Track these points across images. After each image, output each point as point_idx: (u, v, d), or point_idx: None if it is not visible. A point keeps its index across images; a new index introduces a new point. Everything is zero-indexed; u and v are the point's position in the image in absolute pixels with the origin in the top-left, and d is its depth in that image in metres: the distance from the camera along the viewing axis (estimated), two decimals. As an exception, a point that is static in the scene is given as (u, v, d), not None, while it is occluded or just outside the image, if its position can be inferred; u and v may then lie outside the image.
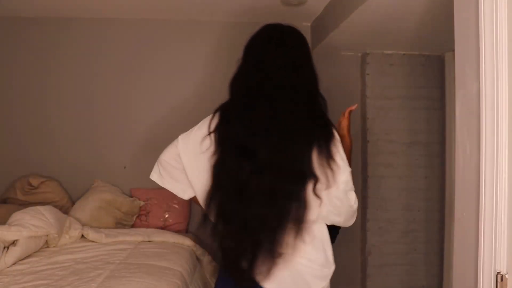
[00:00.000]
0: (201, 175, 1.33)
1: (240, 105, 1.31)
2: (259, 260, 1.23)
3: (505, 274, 1.06)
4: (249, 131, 1.25)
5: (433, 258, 3.09)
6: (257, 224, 1.22)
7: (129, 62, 3.10)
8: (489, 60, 1.09)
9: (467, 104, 1.22)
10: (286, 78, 1.28)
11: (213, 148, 1.30)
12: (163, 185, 1.46)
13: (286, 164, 1.23)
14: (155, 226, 2.90)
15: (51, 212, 2.39)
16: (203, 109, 3.07)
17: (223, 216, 1.27)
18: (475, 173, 1.16)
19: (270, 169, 1.22)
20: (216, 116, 1.35)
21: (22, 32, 3.04)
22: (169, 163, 1.44)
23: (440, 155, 3.07)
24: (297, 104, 1.27)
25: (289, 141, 1.23)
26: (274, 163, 1.22)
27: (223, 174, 1.27)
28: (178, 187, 1.44)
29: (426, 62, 3.07)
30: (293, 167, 1.23)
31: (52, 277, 1.92)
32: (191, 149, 1.36)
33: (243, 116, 1.27)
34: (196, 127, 1.41)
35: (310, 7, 2.76)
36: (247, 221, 1.23)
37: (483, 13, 1.10)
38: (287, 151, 1.23)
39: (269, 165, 1.22)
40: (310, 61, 1.36)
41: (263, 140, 1.23)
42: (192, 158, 1.35)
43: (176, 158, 1.40)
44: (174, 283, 1.93)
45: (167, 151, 1.45)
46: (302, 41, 1.38)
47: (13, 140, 3.04)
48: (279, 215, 1.22)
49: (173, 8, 2.86)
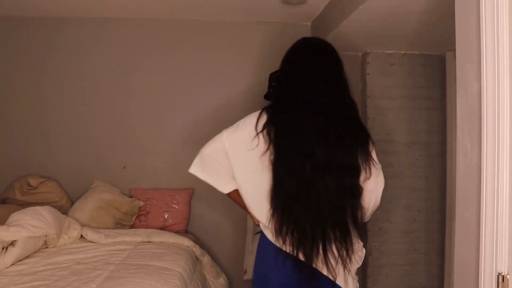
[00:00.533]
0: (248, 170, 1.47)
1: (292, 106, 1.44)
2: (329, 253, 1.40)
3: (506, 275, 1.05)
4: (306, 134, 1.40)
5: (433, 258, 3.08)
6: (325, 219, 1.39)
7: (128, 62, 3.09)
8: (491, 60, 1.08)
9: (468, 104, 1.21)
10: (331, 88, 1.45)
11: (265, 146, 1.42)
12: (204, 179, 1.56)
13: (343, 162, 1.40)
14: (154, 226, 2.89)
15: (50, 213, 2.38)
16: (203, 109, 3.10)
17: (289, 211, 1.40)
18: (476, 173, 1.16)
19: (330, 167, 1.38)
20: (263, 116, 1.46)
21: (21, 32, 3.03)
22: (212, 158, 1.52)
23: (441, 155, 3.06)
24: (343, 111, 1.45)
25: (341, 144, 1.41)
26: (333, 162, 1.38)
27: (285, 171, 1.40)
28: (219, 181, 1.55)
29: (426, 62, 3.06)
30: (349, 165, 1.41)
31: (51, 277, 1.91)
32: (239, 146, 1.46)
33: (297, 120, 1.41)
34: (241, 124, 1.51)
35: (310, 6, 2.75)
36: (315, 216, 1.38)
37: (484, 12, 1.09)
38: (343, 152, 1.40)
39: (329, 164, 1.38)
40: (344, 72, 1.54)
41: (320, 142, 1.39)
42: (240, 155, 1.46)
43: (220, 153, 1.50)
44: (173, 284, 1.93)
45: (211, 146, 1.54)
46: (337, 54, 1.54)
47: (12, 140, 3.04)
48: (344, 207, 1.40)
49: (173, 7, 2.86)
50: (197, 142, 2.93)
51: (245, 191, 1.50)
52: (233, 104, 3.03)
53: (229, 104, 2.90)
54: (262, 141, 1.43)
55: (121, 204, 2.86)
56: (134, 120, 3.10)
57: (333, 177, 1.38)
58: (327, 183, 1.38)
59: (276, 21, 3.12)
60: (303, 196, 1.38)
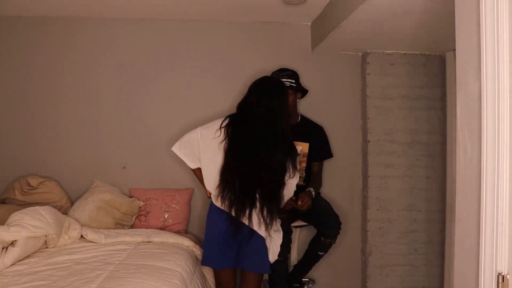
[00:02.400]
0: (210, 154, 2.17)
1: (245, 120, 2.16)
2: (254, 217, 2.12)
3: (506, 275, 1.05)
4: (250, 137, 2.11)
5: (434, 258, 3.08)
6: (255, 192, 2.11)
7: (128, 63, 3.09)
8: (490, 60, 1.08)
9: (468, 103, 1.21)
10: (271, 116, 2.12)
11: (223, 137, 2.14)
12: (180, 156, 2.30)
13: (274, 164, 2.11)
14: (154, 226, 2.89)
15: (50, 213, 2.38)
16: (203, 108, 3.10)
17: (231, 184, 2.10)
18: (476, 173, 1.16)
19: (265, 165, 2.09)
20: (226, 120, 2.20)
21: (22, 31, 3.03)
22: (189, 143, 2.27)
23: (441, 155, 3.06)
24: (277, 131, 2.12)
25: (275, 151, 2.10)
26: (266, 162, 2.09)
27: (232, 158, 2.11)
28: (190, 159, 2.29)
29: (427, 62, 3.06)
30: (278, 166, 2.11)
31: (51, 277, 1.91)
32: (207, 136, 2.18)
33: (246, 127, 2.14)
34: (211, 123, 2.24)
35: (311, 6, 2.75)
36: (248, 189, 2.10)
37: (484, 12, 1.09)
38: (276, 156, 2.10)
39: (264, 163, 2.09)
40: (286, 106, 2.21)
41: (259, 146, 2.09)
42: (206, 142, 2.18)
43: (194, 141, 2.23)
44: (173, 284, 1.93)
45: (189, 135, 2.28)
46: (284, 92, 2.23)
47: (12, 141, 3.04)
48: (270, 184, 2.10)
49: (174, 8, 2.85)
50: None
51: (205, 167, 2.21)
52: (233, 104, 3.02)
53: (229, 104, 2.89)
54: (223, 134, 2.14)
55: (121, 204, 2.85)
56: (134, 120, 3.10)
57: (268, 170, 2.08)
58: (261, 167, 2.08)
59: (276, 21, 3.12)
60: (242, 172, 2.08)
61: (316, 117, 2.97)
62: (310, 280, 3.06)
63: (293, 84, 2.67)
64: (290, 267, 2.88)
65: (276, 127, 2.12)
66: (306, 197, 2.52)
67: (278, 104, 2.15)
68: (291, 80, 2.67)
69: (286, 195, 2.21)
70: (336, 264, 3.16)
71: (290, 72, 2.72)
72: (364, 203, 3.13)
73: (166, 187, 3.06)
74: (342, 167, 3.15)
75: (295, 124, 2.79)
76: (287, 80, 2.66)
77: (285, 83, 2.64)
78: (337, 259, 3.15)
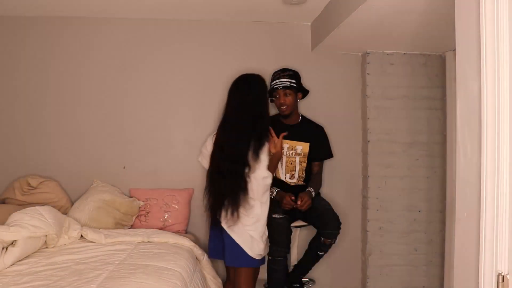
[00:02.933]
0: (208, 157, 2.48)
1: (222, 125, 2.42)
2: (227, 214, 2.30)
3: (506, 275, 1.05)
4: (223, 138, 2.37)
5: (434, 258, 3.08)
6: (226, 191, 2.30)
7: (128, 62, 3.09)
8: (490, 59, 1.08)
9: (468, 103, 1.21)
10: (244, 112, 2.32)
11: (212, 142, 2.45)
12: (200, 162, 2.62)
13: (237, 157, 2.28)
14: (154, 226, 2.89)
15: (50, 213, 2.38)
16: (203, 109, 3.10)
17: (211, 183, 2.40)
18: (476, 173, 1.16)
19: (230, 158, 2.30)
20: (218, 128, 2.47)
21: (22, 31, 3.03)
22: (204, 149, 2.56)
23: (441, 155, 3.06)
24: (244, 125, 2.30)
25: (237, 145, 2.29)
26: (231, 155, 2.30)
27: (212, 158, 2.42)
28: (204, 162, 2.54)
29: (427, 62, 3.06)
30: (239, 159, 2.27)
31: (51, 277, 1.91)
32: (209, 142, 2.50)
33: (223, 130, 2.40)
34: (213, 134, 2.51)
35: (311, 6, 2.75)
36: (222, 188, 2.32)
37: (484, 12, 1.09)
38: (236, 150, 2.28)
39: (229, 156, 2.30)
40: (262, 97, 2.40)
41: (227, 141, 2.33)
42: (208, 147, 2.49)
43: (206, 148, 2.53)
44: (173, 284, 1.92)
45: (204, 144, 2.59)
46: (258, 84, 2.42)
47: (12, 141, 3.04)
48: (235, 184, 2.28)
49: (173, 7, 2.86)
50: (196, 142, 2.97)
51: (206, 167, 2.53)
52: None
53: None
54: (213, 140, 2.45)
55: (121, 204, 2.85)
56: (134, 120, 3.10)
57: (233, 169, 2.27)
58: (229, 169, 2.29)
59: (276, 21, 3.12)
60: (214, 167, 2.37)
61: (316, 117, 2.97)
62: (310, 280, 3.06)
63: (294, 84, 2.67)
64: (290, 267, 2.88)
65: (247, 113, 2.31)
66: (306, 197, 2.53)
67: (246, 92, 2.35)
68: (292, 80, 2.67)
69: (255, 189, 2.27)
70: (336, 264, 3.17)
71: (291, 72, 2.72)
72: (364, 203, 3.13)
73: (166, 187, 3.06)
74: (342, 167, 3.15)
75: (295, 124, 2.80)
76: (287, 80, 2.66)
77: (286, 83, 2.64)
78: (337, 259, 3.15)
